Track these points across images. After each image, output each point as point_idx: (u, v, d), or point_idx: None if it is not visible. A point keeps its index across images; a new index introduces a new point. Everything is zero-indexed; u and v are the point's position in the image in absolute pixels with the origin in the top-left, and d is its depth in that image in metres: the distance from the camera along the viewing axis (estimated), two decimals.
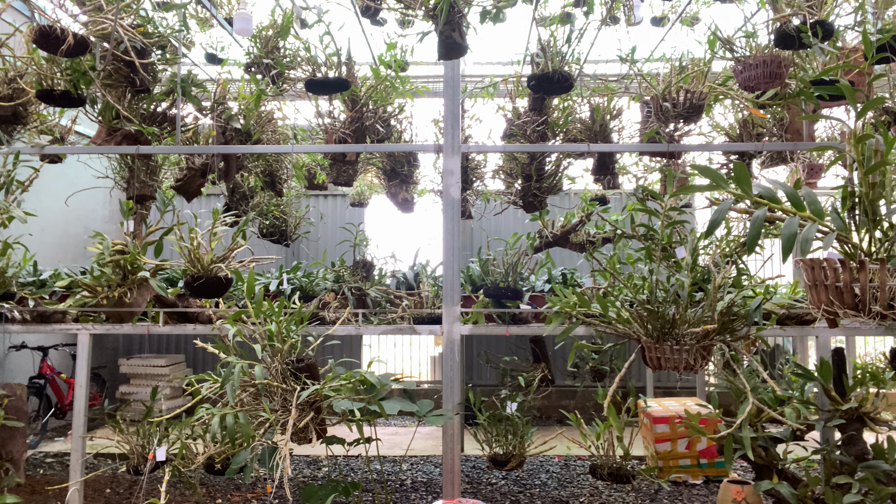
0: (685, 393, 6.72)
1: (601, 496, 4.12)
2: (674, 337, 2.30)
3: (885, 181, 1.60)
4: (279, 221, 4.89)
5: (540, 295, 3.98)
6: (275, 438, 2.71)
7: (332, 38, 3.51)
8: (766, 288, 2.99)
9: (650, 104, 3.59)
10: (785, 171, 4.89)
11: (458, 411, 3.25)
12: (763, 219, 1.48)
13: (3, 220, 3.35)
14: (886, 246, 1.61)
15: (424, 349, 8.26)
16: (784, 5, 2.86)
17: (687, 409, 4.16)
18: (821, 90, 1.88)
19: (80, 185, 4.58)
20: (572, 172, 4.58)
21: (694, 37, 4.17)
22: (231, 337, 2.72)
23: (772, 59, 3.06)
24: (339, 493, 2.92)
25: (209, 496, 4.24)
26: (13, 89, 3.56)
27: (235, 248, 3.30)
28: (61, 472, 4.77)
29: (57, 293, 3.90)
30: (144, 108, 3.88)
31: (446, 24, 3.00)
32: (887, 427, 2.68)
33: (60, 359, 6.27)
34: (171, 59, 3.73)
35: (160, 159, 4.22)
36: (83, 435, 3.36)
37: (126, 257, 3.45)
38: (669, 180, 2.28)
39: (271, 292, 3.96)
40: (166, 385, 6.22)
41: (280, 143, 4.29)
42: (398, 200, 4.77)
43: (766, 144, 3.61)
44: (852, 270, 1.56)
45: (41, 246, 5.56)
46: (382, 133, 3.80)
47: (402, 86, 3.77)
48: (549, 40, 3.39)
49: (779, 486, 2.58)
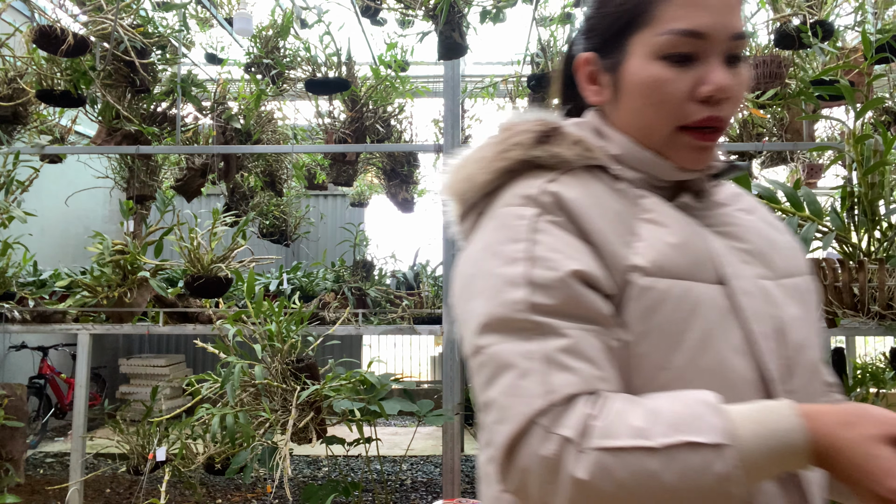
0: None
1: None
2: None
3: (884, 181, 1.60)
4: (279, 221, 4.89)
5: None
6: (275, 438, 2.71)
7: (332, 38, 3.51)
8: None
9: None
10: (785, 171, 4.89)
11: (458, 411, 3.25)
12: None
13: (3, 220, 3.35)
14: (885, 246, 1.61)
15: (424, 349, 8.26)
16: (784, 5, 2.86)
17: None
18: (821, 90, 1.88)
19: (80, 185, 4.58)
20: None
21: None
22: (231, 337, 2.72)
23: (772, 59, 3.06)
24: (339, 493, 2.92)
25: (209, 496, 4.24)
26: (13, 89, 3.56)
27: (235, 248, 3.30)
28: (61, 472, 4.77)
29: (57, 293, 3.90)
30: (144, 108, 3.88)
31: (446, 24, 3.00)
32: None
33: (60, 359, 6.27)
34: (171, 59, 3.73)
35: (160, 159, 4.22)
36: (83, 435, 3.37)
37: (126, 257, 3.45)
38: None
39: (271, 292, 3.96)
40: (166, 385, 6.22)
41: (280, 143, 4.29)
42: (398, 200, 4.77)
43: (766, 144, 3.61)
44: (851, 270, 1.56)
45: (41, 246, 5.56)
46: (382, 133, 3.81)
47: (402, 86, 3.77)
48: (549, 40, 3.40)
49: None
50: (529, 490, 0.64)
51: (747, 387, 0.71)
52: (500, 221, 0.74)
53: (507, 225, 0.73)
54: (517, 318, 0.67)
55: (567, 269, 0.68)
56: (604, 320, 0.69)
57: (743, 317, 0.73)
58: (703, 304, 0.71)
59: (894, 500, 0.57)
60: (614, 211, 0.75)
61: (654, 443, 0.60)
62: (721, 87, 0.74)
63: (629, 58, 0.78)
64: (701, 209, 0.82)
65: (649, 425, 0.61)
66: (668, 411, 0.63)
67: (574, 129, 0.81)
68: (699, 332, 0.70)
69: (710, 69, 0.75)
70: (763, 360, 0.72)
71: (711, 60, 0.75)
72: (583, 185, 0.76)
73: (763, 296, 0.76)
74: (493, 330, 0.68)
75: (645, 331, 0.70)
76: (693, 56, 0.75)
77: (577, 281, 0.69)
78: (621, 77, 0.79)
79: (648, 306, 0.70)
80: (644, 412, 0.63)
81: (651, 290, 0.70)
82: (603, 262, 0.72)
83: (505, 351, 0.66)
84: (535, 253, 0.70)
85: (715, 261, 0.75)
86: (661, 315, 0.70)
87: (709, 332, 0.71)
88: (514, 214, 0.74)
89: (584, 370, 0.65)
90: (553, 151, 0.77)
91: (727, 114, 0.76)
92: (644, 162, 0.80)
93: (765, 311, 0.75)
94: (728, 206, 0.86)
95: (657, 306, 0.70)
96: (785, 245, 0.86)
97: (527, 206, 0.74)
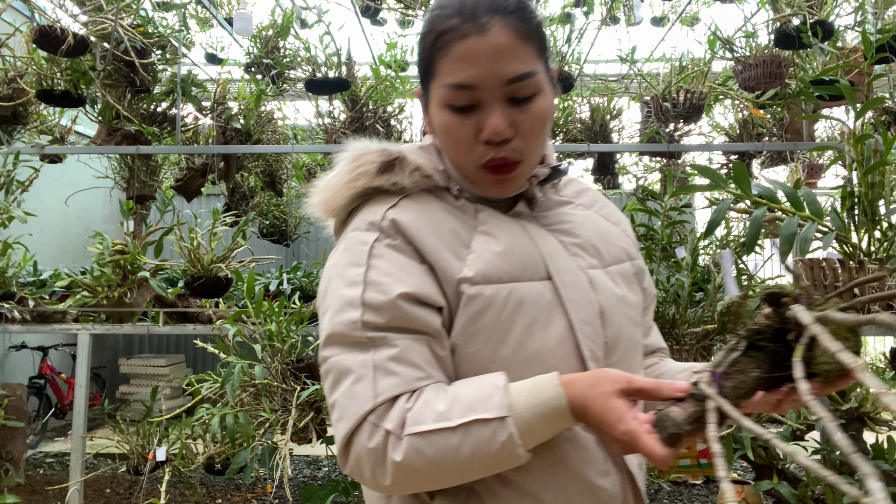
0: None
1: None
2: (674, 337, 2.30)
3: (884, 181, 1.60)
4: (279, 221, 4.89)
5: None
6: (275, 438, 2.71)
7: (332, 38, 3.51)
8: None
9: (650, 104, 3.59)
10: (785, 171, 4.89)
11: None
12: (762, 218, 1.48)
13: (3, 220, 3.35)
14: (885, 246, 1.61)
15: None
16: (784, 5, 2.86)
17: None
18: (821, 90, 1.88)
19: (80, 185, 4.58)
20: (572, 172, 4.57)
21: (694, 37, 4.17)
22: (231, 337, 2.72)
23: (772, 59, 3.06)
24: (339, 493, 2.92)
25: (209, 496, 4.24)
26: (13, 89, 3.56)
27: (235, 248, 3.30)
28: (61, 472, 4.77)
29: (57, 293, 3.90)
30: (144, 108, 3.88)
31: None
32: (887, 427, 2.68)
33: (60, 359, 6.26)
34: (171, 59, 3.73)
35: (160, 159, 4.22)
36: (83, 435, 3.37)
37: (126, 257, 3.45)
38: (669, 180, 2.28)
39: (271, 292, 3.95)
40: (166, 385, 6.22)
41: (280, 143, 4.29)
42: None
43: (765, 144, 3.61)
44: (851, 270, 1.56)
45: (41, 246, 5.56)
46: (382, 133, 3.81)
47: (402, 86, 3.77)
48: (549, 40, 3.39)
49: (779, 486, 2.58)
50: (364, 474, 0.77)
51: (568, 369, 0.82)
52: (348, 244, 0.85)
53: (352, 249, 0.84)
54: (354, 335, 0.79)
55: (396, 293, 0.79)
56: (431, 330, 0.80)
57: (565, 307, 0.84)
58: (527, 301, 0.82)
59: (626, 441, 0.70)
60: (450, 229, 0.85)
61: (452, 423, 0.74)
62: (495, 131, 0.81)
63: (431, 102, 0.87)
64: (538, 213, 0.93)
65: (449, 408, 0.74)
66: (466, 394, 0.76)
67: (415, 155, 0.90)
68: (523, 326, 0.81)
69: (487, 115, 0.82)
70: (581, 344, 0.84)
71: (488, 107, 0.82)
72: (420, 209, 0.86)
73: (588, 284, 0.88)
74: (334, 343, 0.80)
75: (475, 332, 0.81)
76: (473, 105, 0.82)
77: (405, 301, 0.79)
78: (432, 118, 0.88)
79: (477, 311, 0.81)
80: (447, 398, 0.76)
81: (478, 297, 0.81)
82: (436, 278, 0.82)
83: (344, 361, 0.79)
84: (370, 278, 0.81)
85: (544, 259, 0.86)
86: (488, 317, 0.81)
87: (532, 325, 0.82)
88: (358, 240, 0.84)
89: (408, 374, 0.77)
90: (393, 180, 0.87)
91: (516, 148, 0.83)
92: (465, 186, 0.91)
93: (587, 299, 0.86)
94: (569, 204, 0.97)
95: (484, 310, 0.81)
96: (615, 234, 0.98)
97: (370, 230, 0.84)
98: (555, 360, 0.82)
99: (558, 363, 0.82)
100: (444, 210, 0.87)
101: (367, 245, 0.83)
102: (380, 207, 0.86)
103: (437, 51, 0.82)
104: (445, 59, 0.82)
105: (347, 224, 0.90)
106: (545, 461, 0.81)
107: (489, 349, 0.81)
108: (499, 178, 0.86)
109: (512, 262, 0.84)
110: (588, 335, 0.84)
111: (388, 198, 0.87)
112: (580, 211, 0.98)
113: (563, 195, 0.99)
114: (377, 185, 0.87)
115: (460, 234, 0.85)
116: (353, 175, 0.88)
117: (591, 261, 0.91)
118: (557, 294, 0.85)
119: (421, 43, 0.86)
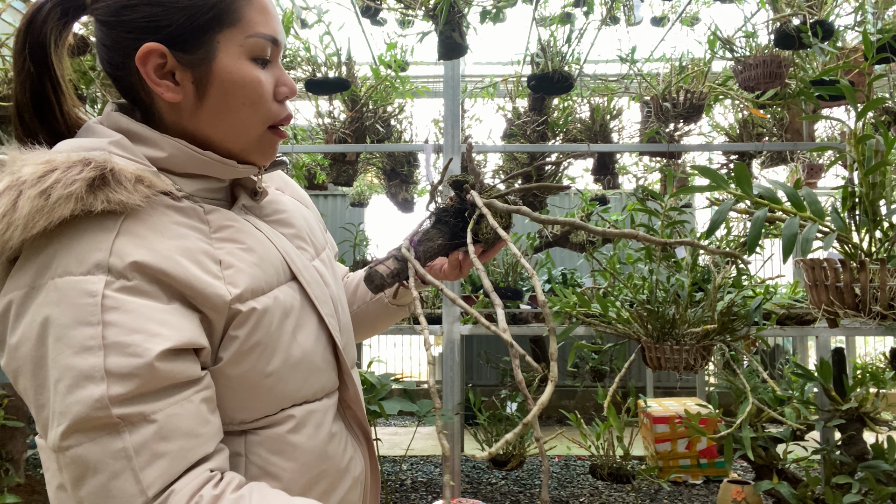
0: (685, 393, 6.73)
1: (601, 496, 4.12)
2: (674, 337, 2.30)
3: (885, 181, 1.60)
4: None
5: None
6: None
7: (332, 38, 3.51)
8: (766, 288, 2.99)
9: (650, 104, 3.59)
10: (785, 171, 4.89)
11: (458, 411, 3.25)
12: (763, 219, 1.48)
13: None
14: (887, 246, 1.61)
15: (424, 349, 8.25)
16: (784, 5, 2.86)
17: (687, 409, 4.17)
18: (821, 90, 1.88)
19: None
20: (572, 172, 4.58)
21: (694, 37, 4.17)
22: None
23: (772, 59, 3.06)
24: None
25: None
26: (13, 89, 3.55)
27: None
28: None
29: None
30: None
31: (446, 24, 3.00)
32: (887, 427, 2.68)
33: None
34: None
35: None
36: None
37: None
38: (669, 180, 2.28)
39: None
40: None
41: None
42: (398, 200, 4.77)
43: (766, 144, 3.61)
44: (853, 270, 1.56)
45: None
46: (382, 133, 3.81)
47: (402, 86, 3.77)
48: (549, 40, 3.39)
49: (779, 486, 2.58)
50: None
51: (328, 363, 0.86)
52: (63, 295, 0.63)
53: (73, 303, 0.63)
54: (99, 417, 0.61)
55: (154, 353, 0.63)
56: (194, 378, 0.68)
57: (316, 305, 0.85)
58: (286, 306, 0.80)
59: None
60: (192, 245, 0.72)
61: None
62: (293, 89, 0.83)
63: (218, 55, 0.75)
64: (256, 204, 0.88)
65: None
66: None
67: (126, 163, 0.71)
68: (289, 333, 0.79)
69: (281, 72, 0.82)
70: (335, 336, 0.87)
71: (278, 64, 0.83)
72: (151, 229, 0.69)
73: (321, 278, 0.89)
74: (75, 430, 0.61)
75: (248, 349, 0.75)
76: (268, 60, 0.81)
77: (165, 359, 0.64)
78: (209, 75, 0.76)
79: (251, 328, 0.75)
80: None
81: (252, 312, 0.75)
82: (196, 309, 0.70)
83: (91, 453, 0.62)
84: (111, 339, 0.62)
85: (285, 259, 0.83)
86: (261, 331, 0.76)
87: (295, 330, 0.81)
88: (80, 290, 0.63)
89: (180, 447, 0.65)
90: (116, 199, 0.66)
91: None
92: (202, 165, 0.77)
93: (325, 293, 0.88)
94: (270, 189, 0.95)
95: (257, 326, 0.75)
96: (313, 219, 0.99)
97: (94, 274, 0.64)
98: (316, 359, 0.83)
99: (318, 360, 0.84)
100: (176, 222, 0.72)
101: (95, 295, 0.63)
102: (96, 239, 0.66)
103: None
104: (250, 8, 0.77)
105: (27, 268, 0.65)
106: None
107: (261, 365, 0.75)
108: (280, 139, 0.85)
109: (266, 268, 0.79)
110: (335, 327, 0.88)
111: (101, 223, 0.67)
112: (286, 198, 0.96)
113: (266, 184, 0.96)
114: (93, 208, 0.65)
115: (203, 247, 0.73)
116: (46, 197, 0.63)
117: (310, 251, 0.92)
118: (306, 293, 0.84)
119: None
